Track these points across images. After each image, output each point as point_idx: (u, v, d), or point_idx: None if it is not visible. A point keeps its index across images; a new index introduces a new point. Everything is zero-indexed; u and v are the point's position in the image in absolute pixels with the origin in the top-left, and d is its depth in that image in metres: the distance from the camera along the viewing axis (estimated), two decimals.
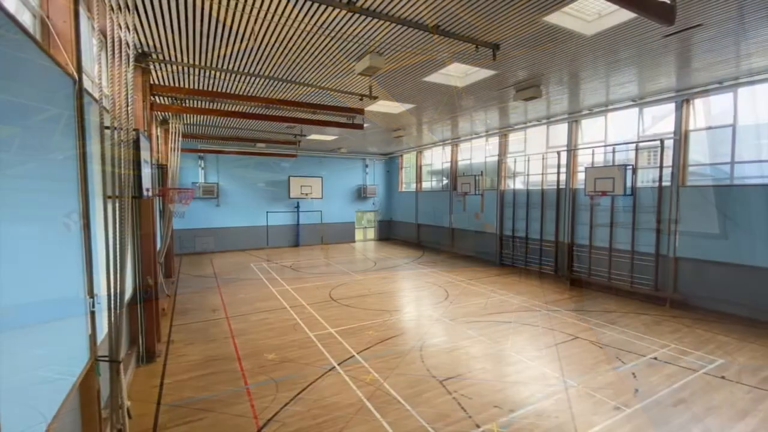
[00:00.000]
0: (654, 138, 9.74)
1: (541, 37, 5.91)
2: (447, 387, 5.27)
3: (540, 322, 8.01)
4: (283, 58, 6.81)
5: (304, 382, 5.41)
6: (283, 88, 8.67)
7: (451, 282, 11.75)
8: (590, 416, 4.58)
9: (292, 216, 19.89)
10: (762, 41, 6.12)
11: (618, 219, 10.55)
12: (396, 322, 7.98)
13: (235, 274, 13.08)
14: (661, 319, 8.27)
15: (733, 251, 8.27)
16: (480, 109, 11.01)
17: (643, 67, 7.42)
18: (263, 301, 9.60)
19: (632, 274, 10.14)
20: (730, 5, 4.93)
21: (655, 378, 5.54)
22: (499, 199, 14.57)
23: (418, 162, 20.29)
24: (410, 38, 5.95)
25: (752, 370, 5.82)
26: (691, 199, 8.99)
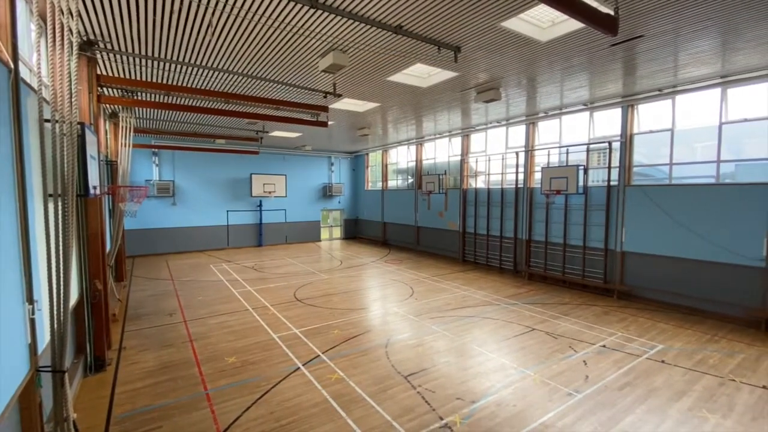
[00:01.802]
0: (603, 140, 10.40)
1: (500, 41, 6.14)
2: (412, 382, 5.37)
3: (500, 315, 8.33)
4: (243, 52, 6.61)
5: (267, 385, 5.31)
6: (244, 83, 8.41)
7: (416, 279, 11.93)
8: (545, 403, 4.83)
9: (254, 215, 19.34)
10: (695, 53, 6.70)
11: (571, 216, 11.18)
12: (362, 320, 8.00)
13: (193, 276, 12.55)
14: (609, 309, 8.87)
15: (671, 246, 9.02)
16: (443, 110, 11.25)
17: (593, 74, 7.89)
18: (224, 304, 9.29)
19: (584, 268, 10.79)
20: (668, 19, 5.35)
21: (603, 364, 5.93)
22: (462, 198, 14.96)
23: (384, 161, 20.39)
24: (374, 37, 5.97)
25: (688, 353, 6.38)
26: (635, 197, 9.70)
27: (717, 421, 4.48)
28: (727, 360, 6.13)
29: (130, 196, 9.55)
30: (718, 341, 6.93)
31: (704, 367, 5.88)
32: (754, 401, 4.90)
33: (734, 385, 5.32)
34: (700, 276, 8.64)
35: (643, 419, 4.50)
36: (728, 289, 8.22)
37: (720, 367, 5.88)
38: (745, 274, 7.97)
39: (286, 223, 20.35)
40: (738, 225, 8.00)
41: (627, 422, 4.44)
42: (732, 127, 8.22)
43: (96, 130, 5.94)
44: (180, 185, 17.18)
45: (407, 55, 6.74)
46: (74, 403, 4.61)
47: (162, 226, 16.83)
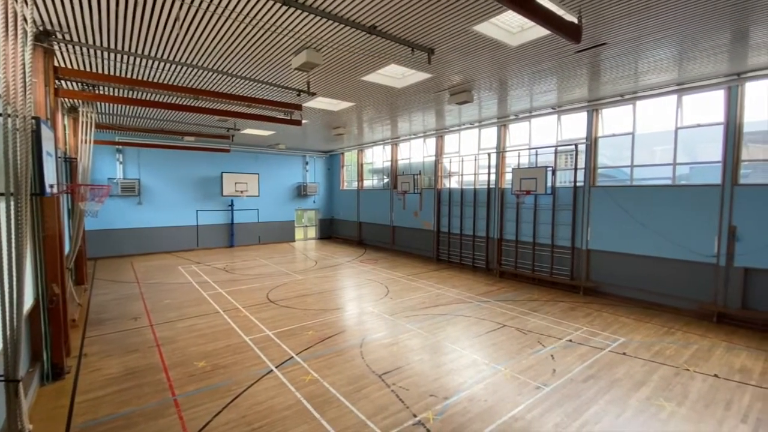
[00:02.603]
0: (570, 143, 10.81)
1: (472, 44, 6.26)
2: (386, 380, 5.39)
3: (473, 313, 8.51)
4: (213, 48, 6.43)
5: (239, 388, 5.19)
6: (214, 79, 8.18)
7: (391, 278, 11.99)
8: (515, 397, 4.98)
9: (225, 215, 18.83)
10: (655, 61, 7.08)
11: (540, 216, 11.56)
12: (337, 321, 7.96)
13: (160, 278, 12.08)
14: (575, 305, 9.23)
15: (632, 243, 9.50)
16: (418, 111, 11.35)
17: (560, 78, 8.19)
18: (193, 306, 9.00)
19: (552, 266, 11.19)
20: (629, 28, 5.63)
21: (569, 358, 6.18)
22: (436, 198, 15.16)
23: (360, 160, 20.35)
24: (348, 36, 5.96)
25: (647, 345, 6.74)
26: (599, 197, 10.14)
27: (673, 409, 4.76)
28: (682, 351, 6.52)
29: (91, 195, 9.08)
30: (674, 333, 7.36)
31: (661, 358, 6.23)
32: (706, 389, 5.24)
33: (688, 374, 5.67)
34: (658, 272, 9.15)
35: (605, 409, 4.73)
36: (683, 285, 8.75)
37: (676, 357, 6.25)
38: (699, 270, 8.50)
39: (259, 223, 19.94)
40: (692, 224, 8.52)
41: (591, 412, 4.65)
42: (687, 132, 8.76)
43: (53, 125, 5.61)
44: (146, 184, 16.50)
45: (381, 56, 6.76)
46: (30, 414, 4.34)
47: (127, 226, 16.10)
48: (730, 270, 8.05)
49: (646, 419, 4.53)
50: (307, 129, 14.32)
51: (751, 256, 7.77)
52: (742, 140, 7.98)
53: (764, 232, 7.59)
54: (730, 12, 5.11)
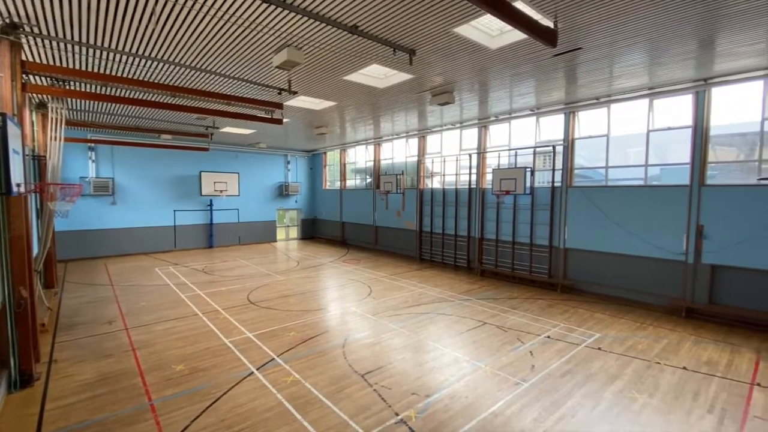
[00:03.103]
0: (548, 144, 11.08)
1: (453, 46, 6.34)
2: (368, 380, 5.40)
3: (454, 311, 8.61)
4: (191, 44, 6.28)
5: (219, 392, 5.10)
6: (192, 76, 8.00)
7: (374, 278, 12.00)
8: (495, 393, 5.08)
9: (204, 215, 18.43)
10: (627, 66, 7.34)
11: (520, 216, 11.80)
12: (319, 321, 7.92)
13: (136, 280, 11.73)
14: (553, 302, 9.46)
15: (607, 242, 9.81)
16: (400, 111, 11.40)
17: (539, 81, 8.38)
18: (171, 309, 8.78)
19: (531, 264, 11.44)
20: (604, 34, 5.82)
21: (547, 354, 6.33)
22: (419, 198, 15.26)
23: (342, 160, 20.27)
24: (330, 36, 5.93)
25: (621, 340, 6.98)
26: (576, 197, 10.43)
27: (644, 400, 4.95)
28: (653, 345, 6.78)
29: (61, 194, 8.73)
30: (646, 328, 7.64)
31: (634, 352, 6.46)
32: (675, 381, 5.47)
33: (659, 367, 5.91)
34: (631, 269, 9.48)
35: (581, 403, 4.87)
36: (655, 281, 9.10)
37: (647, 351, 6.50)
38: (669, 267, 8.86)
39: (239, 223, 19.60)
40: (662, 223, 8.87)
41: (567, 406, 4.78)
42: (658, 135, 9.11)
43: (20, 121, 5.37)
44: (120, 183, 15.98)
45: (363, 56, 6.76)
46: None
47: (100, 227, 15.55)
48: (698, 267, 8.41)
49: (620, 411, 4.70)
50: (288, 128, 14.17)
51: (718, 254, 8.14)
52: (709, 143, 8.36)
53: (729, 230, 7.97)
54: (697, 20, 5.35)
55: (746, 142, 8.20)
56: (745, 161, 8.16)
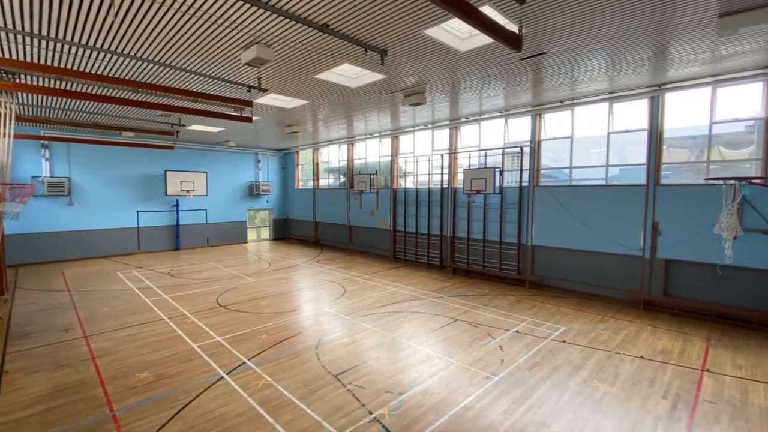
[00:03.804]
0: (516, 145, 11.43)
1: (424, 48, 6.42)
2: (342, 380, 5.39)
3: (427, 309, 8.73)
4: (154, 39, 6.03)
5: (186, 398, 4.94)
6: (156, 72, 7.68)
7: (348, 278, 11.96)
8: (467, 388, 5.20)
9: (170, 216, 17.73)
10: (589, 71, 7.68)
11: (490, 214, 12.11)
12: (292, 323, 7.82)
13: (95, 285, 11.14)
14: (522, 298, 9.78)
15: (572, 239, 10.24)
16: (373, 111, 11.42)
17: (507, 84, 8.63)
18: (134, 314, 8.40)
19: (501, 262, 11.77)
20: (567, 39, 6.07)
21: (516, 348, 6.55)
22: (392, 197, 15.34)
23: (315, 159, 20.05)
24: (300, 34, 5.87)
25: (584, 333, 7.31)
26: (543, 197, 10.82)
27: (606, 389, 5.21)
28: (614, 336, 7.14)
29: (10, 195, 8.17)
30: (608, 321, 8.04)
31: (596, 343, 6.79)
32: (634, 370, 5.79)
33: (619, 357, 6.23)
34: (594, 265, 9.95)
35: (547, 393, 5.07)
36: (615, 276, 9.59)
37: (608, 342, 6.84)
38: (628, 262, 9.36)
39: (208, 224, 19.00)
40: (622, 220, 9.36)
41: (535, 397, 4.97)
42: (618, 137, 9.59)
43: None
44: (78, 183, 15.11)
45: (335, 55, 6.73)
46: None
47: (55, 229, 14.65)
48: (654, 261, 8.94)
49: (583, 400, 4.93)
50: (259, 126, 13.87)
51: (671, 249, 8.68)
52: (663, 145, 8.89)
53: (681, 227, 8.52)
54: (650, 30, 5.68)
55: (696, 144, 8.77)
56: (695, 162, 8.73)
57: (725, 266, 7.72)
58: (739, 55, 6.73)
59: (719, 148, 8.43)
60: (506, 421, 4.47)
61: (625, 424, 4.44)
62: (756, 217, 7.54)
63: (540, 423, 4.43)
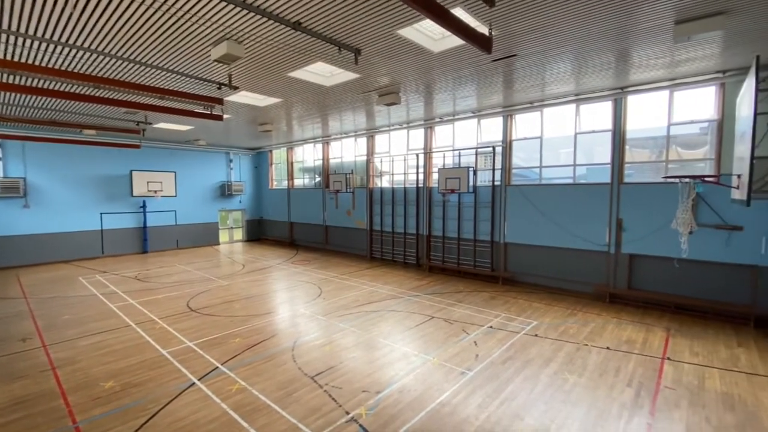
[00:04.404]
0: (488, 145, 11.67)
1: (397, 48, 6.45)
2: (318, 382, 5.35)
3: (404, 307, 8.79)
4: (116, 32, 5.76)
5: (155, 407, 4.76)
6: (119, 67, 7.34)
7: (324, 279, 11.86)
8: (442, 384, 5.27)
9: (136, 218, 17.01)
10: (556, 73, 7.94)
11: (464, 213, 12.32)
12: (266, 326, 7.67)
13: (55, 291, 10.54)
14: (495, 294, 10.01)
15: (542, 236, 10.57)
16: (347, 110, 11.36)
17: (479, 85, 8.80)
18: (98, 321, 8.01)
19: (475, 259, 12.00)
20: (536, 42, 6.25)
21: (490, 343, 6.70)
22: (369, 197, 15.34)
23: (290, 158, 19.75)
24: (272, 30, 5.76)
25: (554, 326, 7.56)
26: (514, 195, 11.11)
27: (575, 380, 5.41)
28: (582, 329, 7.43)
29: None
30: (576, 314, 8.36)
31: (566, 336, 7.04)
32: (600, 360, 6.05)
33: (587, 349, 6.49)
34: (563, 261, 10.31)
35: (520, 386, 5.22)
36: (583, 271, 9.98)
37: (577, 335, 7.11)
38: (594, 258, 9.76)
39: (177, 225, 18.35)
40: (588, 217, 9.75)
41: (508, 391, 5.10)
42: (584, 137, 9.98)
43: None
44: (34, 183, 14.24)
45: (308, 53, 6.65)
46: None
47: (9, 233, 13.76)
48: (618, 256, 9.36)
49: (554, 391, 5.10)
50: (230, 124, 13.53)
51: (634, 244, 9.12)
52: (626, 145, 9.32)
53: (643, 223, 8.96)
54: (613, 35, 5.94)
55: (656, 144, 9.25)
56: (655, 162, 9.21)
57: (682, 260, 8.18)
58: (694, 61, 7.14)
59: (677, 148, 8.93)
60: (481, 415, 4.56)
61: (593, 412, 4.63)
62: (710, 213, 8.04)
63: (513, 415, 4.55)
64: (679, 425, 4.39)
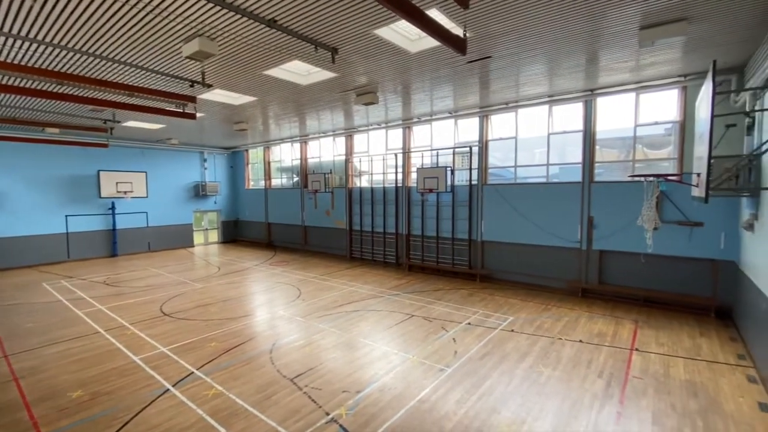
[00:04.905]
0: (465, 145, 11.85)
1: (374, 48, 6.45)
2: (298, 383, 5.30)
3: (384, 306, 8.81)
4: (81, 26, 5.50)
5: (127, 415, 4.59)
6: (83, 62, 7.02)
7: (303, 280, 11.75)
8: (422, 381, 5.32)
9: (104, 220, 16.33)
10: (530, 75, 8.15)
11: (442, 212, 12.47)
12: (244, 329, 7.53)
13: (17, 298, 9.99)
14: (473, 291, 10.18)
15: (517, 234, 10.83)
16: (325, 109, 11.28)
17: (456, 86, 8.91)
18: (64, 329, 7.66)
19: (453, 257, 12.17)
20: (511, 44, 6.38)
21: (468, 339, 6.81)
22: (348, 197, 15.28)
23: (267, 158, 19.42)
24: (246, 28, 5.65)
25: (530, 321, 7.77)
26: (491, 194, 11.33)
27: (549, 373, 5.58)
28: (556, 323, 7.66)
29: None
30: (550, 309, 8.61)
31: (541, 331, 7.24)
32: (573, 353, 6.26)
33: (561, 342, 6.70)
34: (537, 257, 10.60)
35: (498, 381, 5.33)
36: (557, 267, 10.28)
37: (552, 329, 7.33)
38: (567, 254, 10.07)
39: (149, 227, 17.74)
40: (561, 215, 10.05)
41: (486, 385, 5.20)
42: (557, 137, 10.28)
43: None
44: None
45: (284, 51, 6.57)
46: None
47: None
48: (590, 252, 9.70)
49: (530, 385, 5.24)
50: (204, 123, 13.18)
51: (604, 241, 9.47)
52: (596, 145, 9.67)
53: (612, 220, 9.32)
54: (583, 39, 6.14)
55: (624, 144, 9.63)
56: (623, 161, 9.59)
57: (648, 255, 8.56)
58: (658, 65, 7.48)
59: (643, 148, 9.34)
60: (459, 410, 4.64)
61: (566, 403, 4.79)
62: (673, 210, 8.45)
63: (491, 409, 4.65)
64: (646, 413, 4.60)
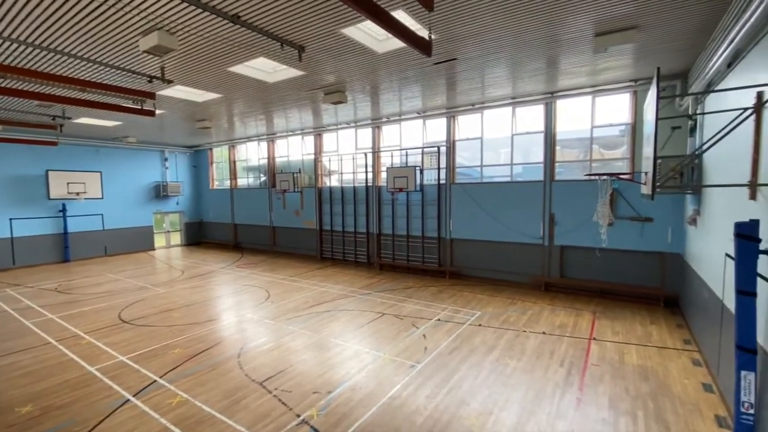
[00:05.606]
0: (434, 145, 12.05)
1: (341, 47, 6.43)
2: (267, 387, 5.21)
3: (355, 306, 8.81)
4: (25, 16, 5.13)
5: (83, 429, 4.34)
6: (29, 54, 6.54)
7: (272, 281, 11.52)
8: (393, 378, 5.38)
9: (54, 223, 15.26)
10: (494, 77, 8.40)
11: (412, 211, 12.62)
12: (209, 334, 7.30)
13: None
14: (443, 288, 10.39)
15: (484, 231, 11.14)
16: (293, 107, 11.11)
17: (424, 87, 9.04)
18: (10, 340, 7.11)
19: (423, 255, 12.35)
20: (475, 47, 6.55)
21: (438, 335, 6.95)
22: (318, 196, 15.13)
23: (232, 157, 18.86)
24: (208, 22, 5.47)
25: (496, 316, 8.02)
26: (458, 193, 11.59)
27: (515, 364, 5.80)
28: (521, 317, 7.96)
29: None
30: (516, 303, 8.93)
31: (507, 324, 7.51)
32: (537, 344, 6.53)
33: (525, 335, 6.97)
34: (503, 254, 10.96)
35: (466, 374, 5.48)
36: (521, 263, 10.68)
37: (517, 323, 7.61)
38: (531, 250, 10.48)
39: (105, 230, 16.75)
40: (525, 213, 10.45)
41: (455, 379, 5.33)
42: (521, 138, 10.66)
43: None
44: None
45: (249, 47, 6.41)
46: None
47: None
48: (551, 248, 10.14)
49: (497, 376, 5.43)
50: (164, 120, 12.61)
51: (565, 237, 9.94)
52: (556, 145, 10.12)
53: (571, 217, 9.79)
54: (543, 43, 6.41)
55: (582, 145, 10.14)
56: (581, 161, 10.09)
57: (603, 249, 9.07)
58: (612, 70, 7.94)
59: (599, 148, 9.87)
60: (429, 404, 4.73)
61: (530, 393, 5.00)
62: (626, 206, 9.00)
63: (460, 402, 4.78)
64: (604, 398, 4.88)
